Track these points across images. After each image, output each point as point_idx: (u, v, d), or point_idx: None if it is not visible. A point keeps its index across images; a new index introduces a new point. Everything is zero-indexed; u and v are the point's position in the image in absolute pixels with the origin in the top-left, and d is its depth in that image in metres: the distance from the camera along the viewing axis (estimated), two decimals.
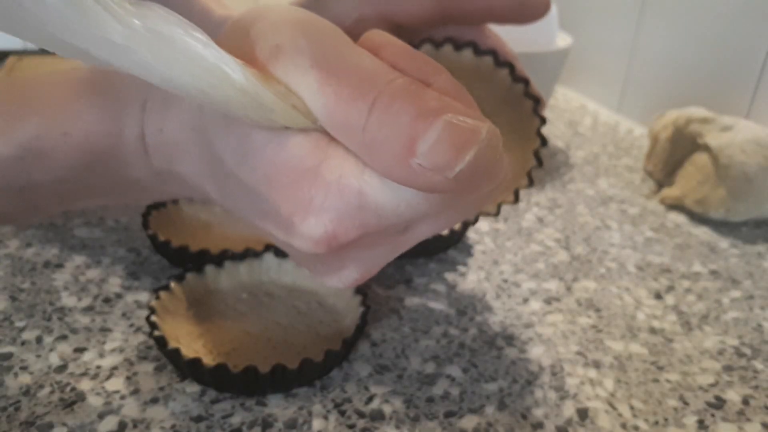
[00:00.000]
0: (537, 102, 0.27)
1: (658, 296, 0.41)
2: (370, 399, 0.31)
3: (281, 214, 0.21)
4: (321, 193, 0.20)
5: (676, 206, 0.52)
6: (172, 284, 0.34)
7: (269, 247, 0.37)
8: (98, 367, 0.32)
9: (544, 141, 0.27)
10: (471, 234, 0.46)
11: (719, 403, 0.32)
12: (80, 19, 0.15)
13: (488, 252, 0.44)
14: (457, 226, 0.42)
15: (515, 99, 0.28)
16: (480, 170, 0.18)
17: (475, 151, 0.18)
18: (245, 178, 0.21)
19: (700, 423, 0.31)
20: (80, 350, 0.33)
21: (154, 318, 0.31)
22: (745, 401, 0.32)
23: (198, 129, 0.23)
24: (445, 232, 0.41)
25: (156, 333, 0.30)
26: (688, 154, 0.53)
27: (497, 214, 0.28)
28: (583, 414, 0.31)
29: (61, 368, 0.31)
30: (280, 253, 0.37)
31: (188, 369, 0.30)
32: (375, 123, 0.18)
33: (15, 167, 0.25)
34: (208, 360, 0.31)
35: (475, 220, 0.28)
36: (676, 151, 0.54)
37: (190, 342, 0.32)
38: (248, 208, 0.23)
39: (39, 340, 0.33)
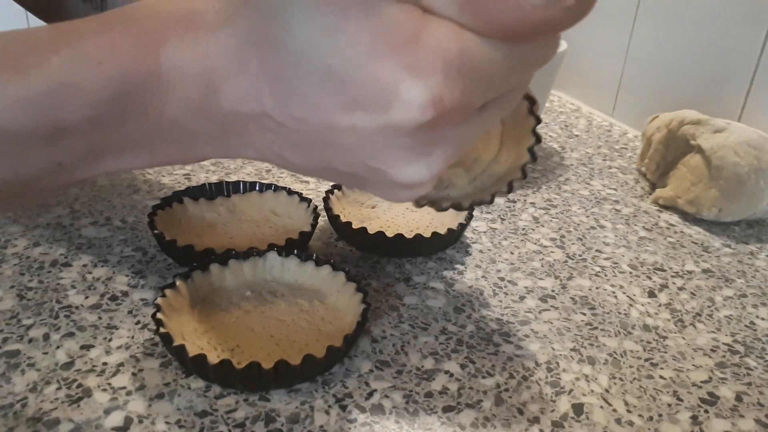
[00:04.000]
0: (533, 103, 0.28)
1: (651, 294, 0.41)
2: (371, 394, 0.32)
3: (382, 88, 0.21)
4: (424, 58, 0.20)
5: (669, 206, 0.53)
6: (178, 282, 0.35)
7: (272, 247, 0.38)
8: (104, 363, 0.32)
9: (538, 139, 0.28)
10: (468, 233, 0.47)
11: (712, 400, 0.33)
12: None
13: (485, 251, 0.45)
14: (455, 225, 0.43)
15: None
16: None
17: None
18: (338, 61, 0.21)
19: (694, 419, 0.32)
20: (87, 347, 0.33)
21: (159, 315, 0.32)
22: (738, 398, 0.33)
23: (260, 40, 0.22)
24: (444, 231, 0.42)
25: (162, 330, 0.31)
26: (681, 155, 0.54)
27: (491, 202, 0.29)
28: (578, 409, 0.32)
29: (68, 365, 0.32)
30: (283, 252, 0.38)
31: (193, 365, 0.31)
32: None
33: (45, 103, 0.24)
34: (213, 356, 0.31)
35: (491, 200, 0.29)
36: (669, 153, 0.55)
37: (195, 339, 0.33)
38: (329, 102, 0.22)
39: (46, 337, 0.34)
